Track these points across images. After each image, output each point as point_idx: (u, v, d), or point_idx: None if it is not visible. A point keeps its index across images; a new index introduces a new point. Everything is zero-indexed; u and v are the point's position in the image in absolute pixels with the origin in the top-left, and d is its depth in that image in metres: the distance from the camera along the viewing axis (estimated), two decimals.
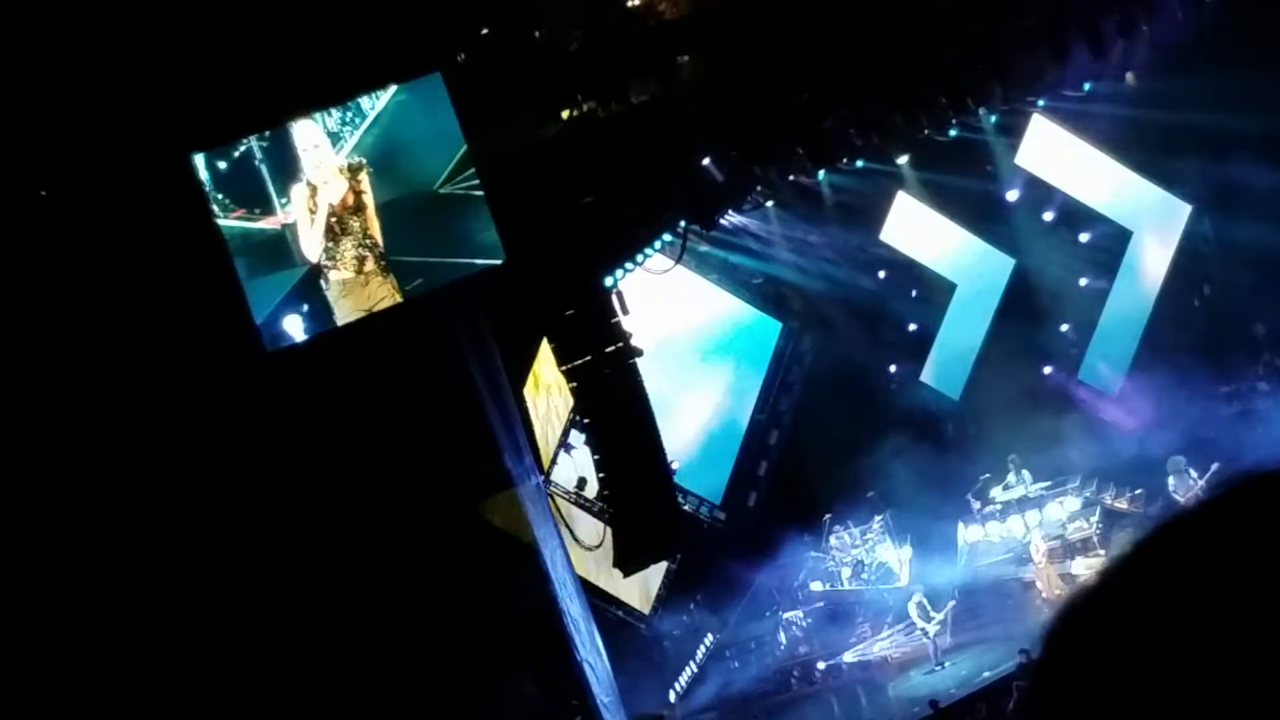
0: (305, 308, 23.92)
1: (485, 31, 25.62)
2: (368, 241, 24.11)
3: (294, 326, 23.89)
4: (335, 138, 23.90)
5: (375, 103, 24.06)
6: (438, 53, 24.39)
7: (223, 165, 23.42)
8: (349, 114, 24.03)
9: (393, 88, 24.01)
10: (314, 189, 23.85)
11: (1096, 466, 33.41)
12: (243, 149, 23.48)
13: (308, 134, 23.83)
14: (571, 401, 28.18)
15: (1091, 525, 31.51)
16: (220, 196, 23.35)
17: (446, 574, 24.81)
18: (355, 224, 24.11)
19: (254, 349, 23.34)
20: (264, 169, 23.61)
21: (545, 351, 27.92)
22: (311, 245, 23.98)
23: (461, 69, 24.61)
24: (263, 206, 23.68)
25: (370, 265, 24.17)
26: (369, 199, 24.12)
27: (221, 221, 23.29)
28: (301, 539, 23.82)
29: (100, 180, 22.50)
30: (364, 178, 24.03)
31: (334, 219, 23.98)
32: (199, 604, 22.78)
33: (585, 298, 26.48)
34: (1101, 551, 30.94)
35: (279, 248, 23.93)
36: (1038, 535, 30.94)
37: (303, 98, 23.68)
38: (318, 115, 23.83)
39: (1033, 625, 28.10)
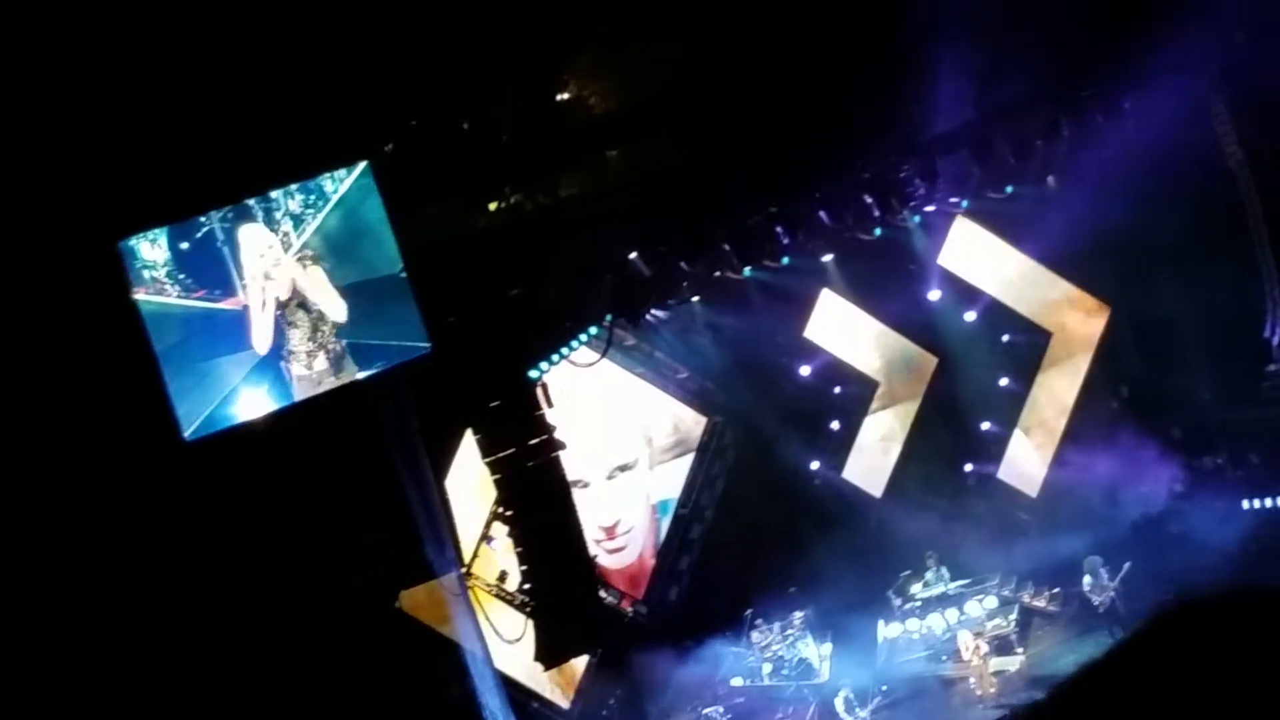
0: (264, 388, 24.01)
1: (414, 122, 25.73)
2: (319, 337, 24.17)
3: (249, 407, 23.94)
4: (298, 220, 24.00)
5: (339, 185, 24.17)
6: (366, 142, 24.46)
7: (185, 245, 23.57)
8: (312, 196, 24.15)
9: (359, 167, 24.15)
10: (264, 284, 23.98)
11: (1014, 565, 33.59)
12: (205, 229, 23.60)
13: (257, 238, 23.96)
14: (494, 493, 28.11)
15: (1009, 623, 31.61)
16: (182, 276, 23.42)
17: (365, 665, 24.72)
18: (303, 319, 24.15)
19: (175, 438, 23.27)
20: (225, 250, 23.70)
21: (469, 442, 27.89)
22: (261, 338, 24.07)
23: (390, 158, 24.68)
24: (224, 288, 23.77)
25: (321, 363, 24.24)
26: (322, 291, 24.23)
27: (183, 301, 23.35)
28: (222, 625, 23.69)
29: (25, 265, 22.48)
30: (314, 271, 24.13)
31: (279, 314, 24.06)
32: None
33: (510, 390, 26.51)
34: (1020, 650, 31.05)
35: (240, 329, 24.01)
36: (967, 633, 30.90)
37: (223, 187, 23.71)
38: (275, 211, 23.97)
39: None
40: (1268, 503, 32.68)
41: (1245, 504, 32.95)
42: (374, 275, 24.62)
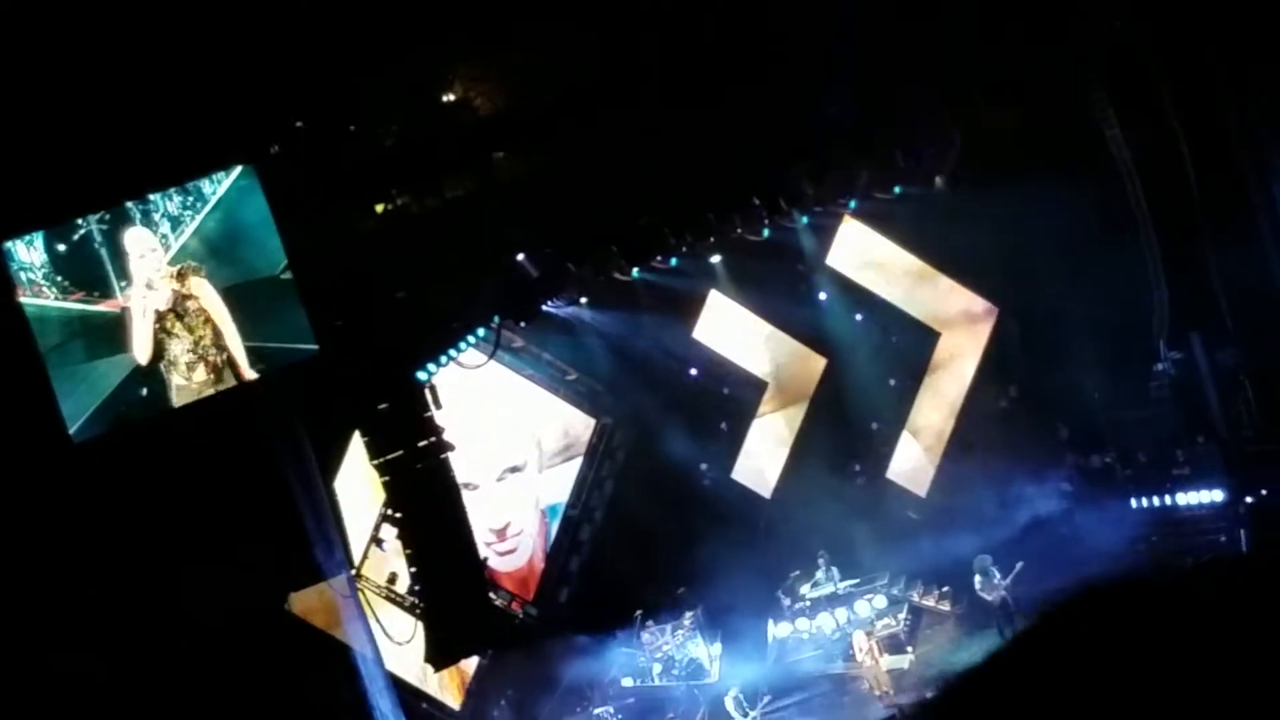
0: (142, 393, 23.86)
1: (299, 124, 25.61)
2: (199, 349, 24.06)
3: (132, 410, 23.83)
4: (176, 221, 23.87)
5: (217, 187, 24.06)
6: (251, 144, 24.34)
7: (62, 247, 23.43)
8: (190, 198, 24.02)
9: (237, 170, 24.05)
10: (145, 293, 23.83)
11: (904, 564, 33.78)
12: (82, 232, 23.43)
13: (139, 240, 23.80)
14: (383, 495, 28.03)
15: (899, 622, 31.80)
16: (59, 279, 23.28)
17: (254, 668, 24.58)
18: (182, 330, 24.03)
19: (61, 440, 23.09)
20: (103, 252, 23.54)
21: (357, 444, 27.79)
22: (141, 348, 23.93)
23: (275, 161, 24.56)
24: (102, 290, 23.65)
25: (201, 374, 24.13)
26: (206, 302, 24.11)
27: (61, 304, 23.18)
28: (107, 629, 23.52)
29: None
30: (195, 282, 24.02)
31: (158, 325, 23.93)
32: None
33: (397, 392, 26.44)
34: (910, 649, 31.23)
35: (119, 331, 23.85)
36: (861, 633, 30.98)
37: (104, 191, 23.54)
38: (154, 213, 23.83)
39: (840, 719, 28.36)
40: (1155, 501, 32.99)
41: (1134, 503, 33.26)
42: (256, 276, 24.53)
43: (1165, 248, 31.06)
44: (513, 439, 33.90)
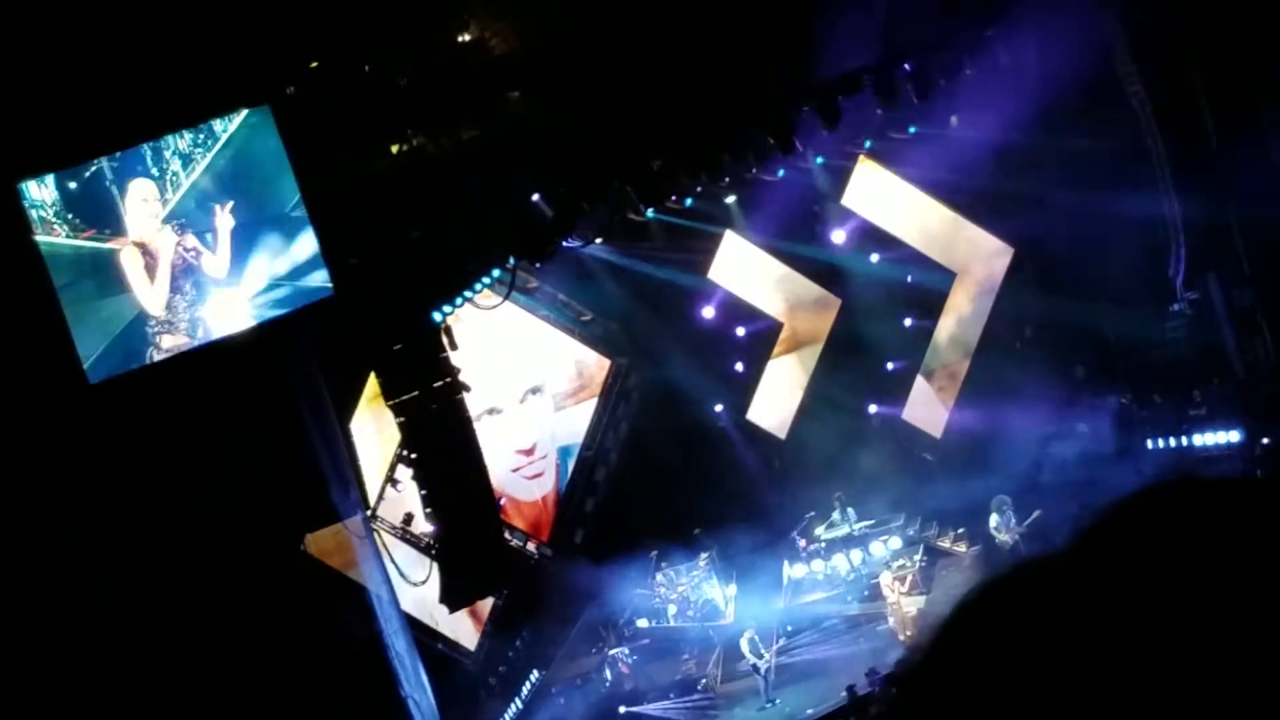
0: (151, 333, 23.86)
1: (315, 65, 25.54)
2: (198, 310, 24.08)
3: (145, 352, 23.78)
4: (187, 159, 23.82)
5: (228, 125, 24.00)
6: (267, 85, 24.26)
7: (73, 185, 23.34)
8: (201, 135, 23.97)
9: (243, 112, 23.99)
10: (143, 248, 23.76)
11: (920, 506, 33.80)
12: (93, 169, 23.38)
13: (138, 189, 23.74)
14: (399, 436, 28.04)
15: (914, 564, 31.78)
16: (71, 216, 23.20)
17: (271, 606, 24.64)
18: (189, 287, 24.02)
19: (77, 379, 23.09)
20: (114, 190, 23.48)
21: (373, 385, 27.79)
22: (154, 301, 23.91)
23: (291, 101, 24.49)
24: (113, 227, 23.55)
25: (202, 332, 24.13)
26: (211, 254, 24.11)
27: (73, 241, 23.14)
28: (129, 564, 23.57)
29: None
30: (191, 238, 24.02)
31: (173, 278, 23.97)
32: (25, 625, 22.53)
33: (413, 332, 26.41)
34: (925, 590, 31.22)
35: (130, 269, 23.87)
36: (888, 573, 30.91)
37: (123, 131, 23.48)
38: (164, 150, 23.77)
39: (855, 662, 28.37)
40: (1172, 442, 32.93)
41: (1150, 444, 33.21)
42: (269, 213, 24.46)
43: (1182, 190, 30.94)
44: (531, 361, 33.90)
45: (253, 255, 24.44)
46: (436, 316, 26.90)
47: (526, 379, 33.81)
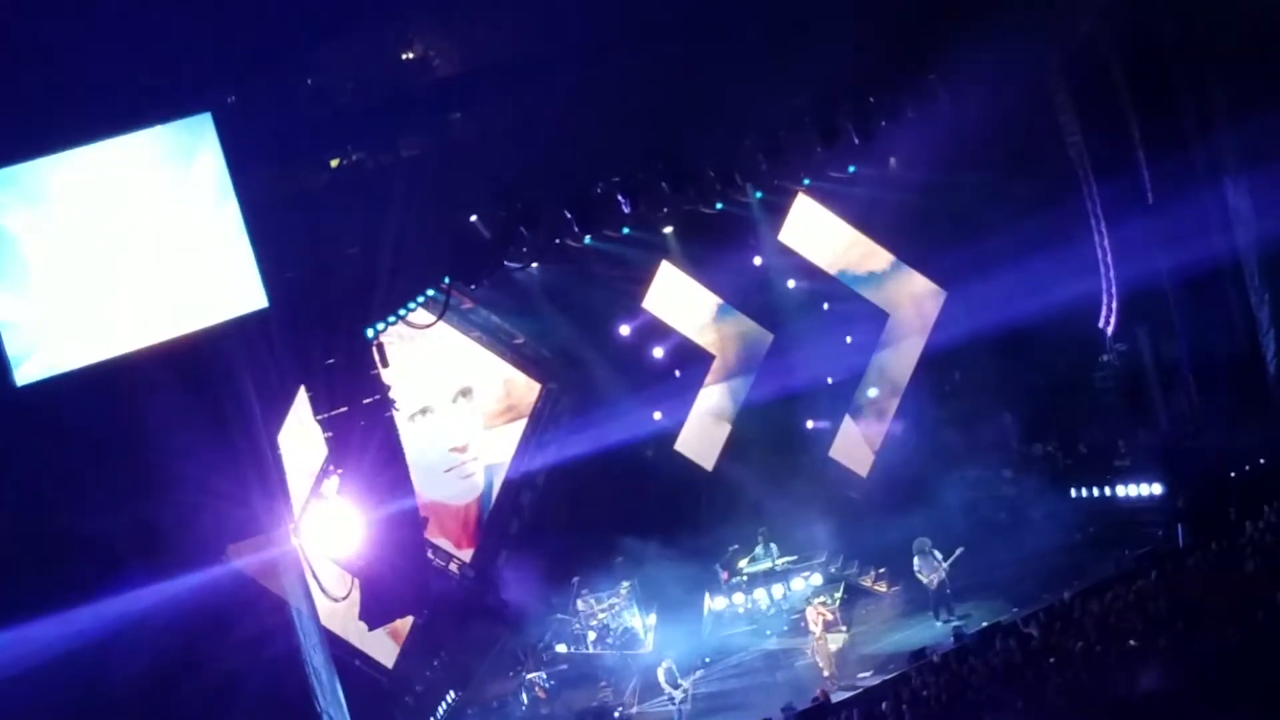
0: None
1: (257, 77, 25.46)
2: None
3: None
4: None
5: None
6: (208, 94, 24.16)
7: None
8: None
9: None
10: None
11: (843, 544, 33.94)
12: None
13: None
14: (326, 450, 27.93)
15: (835, 601, 31.85)
16: None
17: (190, 618, 24.47)
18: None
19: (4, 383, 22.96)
20: None
21: (303, 398, 27.69)
22: None
23: (231, 111, 24.39)
24: None
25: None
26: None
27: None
28: (53, 570, 23.42)
29: None
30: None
31: None
32: None
33: (345, 348, 26.33)
34: (844, 628, 31.30)
35: None
36: (812, 608, 30.90)
37: (68, 133, 23.35)
38: None
39: (773, 696, 28.44)
40: (1095, 492, 33.17)
41: (1073, 493, 33.44)
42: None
43: (1115, 242, 31.24)
44: (462, 364, 33.92)
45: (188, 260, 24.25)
46: (369, 333, 26.84)
47: (456, 381, 33.74)
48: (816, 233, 35.38)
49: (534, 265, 31.85)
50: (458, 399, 33.79)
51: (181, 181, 23.85)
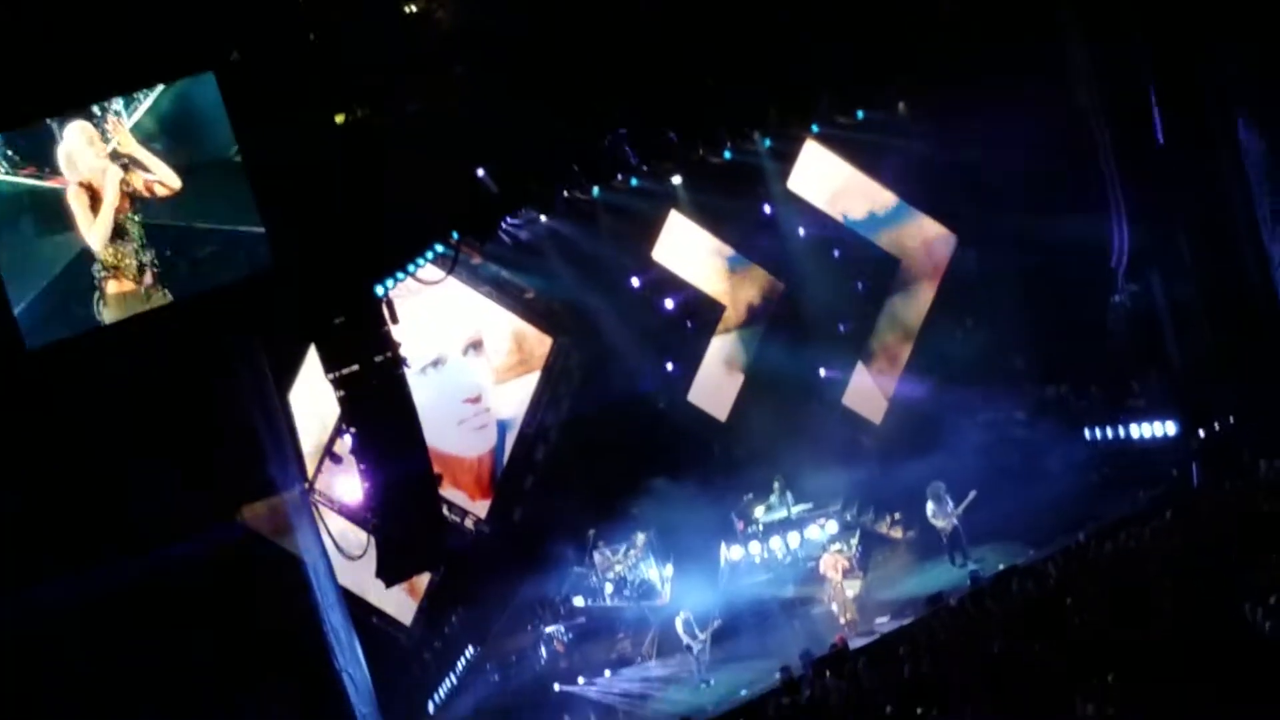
0: (91, 277, 23.67)
1: (260, 32, 25.35)
2: (147, 255, 23.87)
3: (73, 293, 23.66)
4: (129, 99, 23.55)
5: None
6: (211, 51, 24.07)
7: None
8: None
9: None
10: (88, 186, 23.56)
11: (857, 490, 33.88)
12: None
13: (80, 130, 23.52)
14: (338, 409, 27.91)
15: (851, 548, 31.83)
16: (10, 153, 22.95)
17: (205, 579, 24.51)
18: (134, 229, 23.84)
19: (14, 346, 22.95)
20: (55, 127, 23.26)
21: (313, 357, 27.65)
22: (96, 237, 23.69)
23: (235, 68, 24.29)
24: (53, 165, 23.30)
25: (149, 277, 23.91)
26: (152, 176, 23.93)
27: (11, 178, 22.91)
28: (57, 535, 23.44)
29: None
30: (138, 175, 23.80)
31: (119, 215, 23.74)
32: None
33: (354, 305, 26.27)
34: (860, 574, 31.30)
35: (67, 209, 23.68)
36: (829, 555, 30.95)
37: (70, 93, 23.31)
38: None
39: (790, 644, 28.44)
40: (1108, 433, 33.11)
41: (1087, 434, 33.38)
42: (207, 158, 24.25)
43: (1127, 183, 31.06)
44: (470, 315, 33.91)
45: (189, 196, 24.21)
46: (379, 290, 26.77)
47: (466, 333, 33.66)
48: (826, 179, 35.24)
49: (542, 219, 31.79)
50: (468, 351, 33.71)
51: (186, 140, 23.90)
